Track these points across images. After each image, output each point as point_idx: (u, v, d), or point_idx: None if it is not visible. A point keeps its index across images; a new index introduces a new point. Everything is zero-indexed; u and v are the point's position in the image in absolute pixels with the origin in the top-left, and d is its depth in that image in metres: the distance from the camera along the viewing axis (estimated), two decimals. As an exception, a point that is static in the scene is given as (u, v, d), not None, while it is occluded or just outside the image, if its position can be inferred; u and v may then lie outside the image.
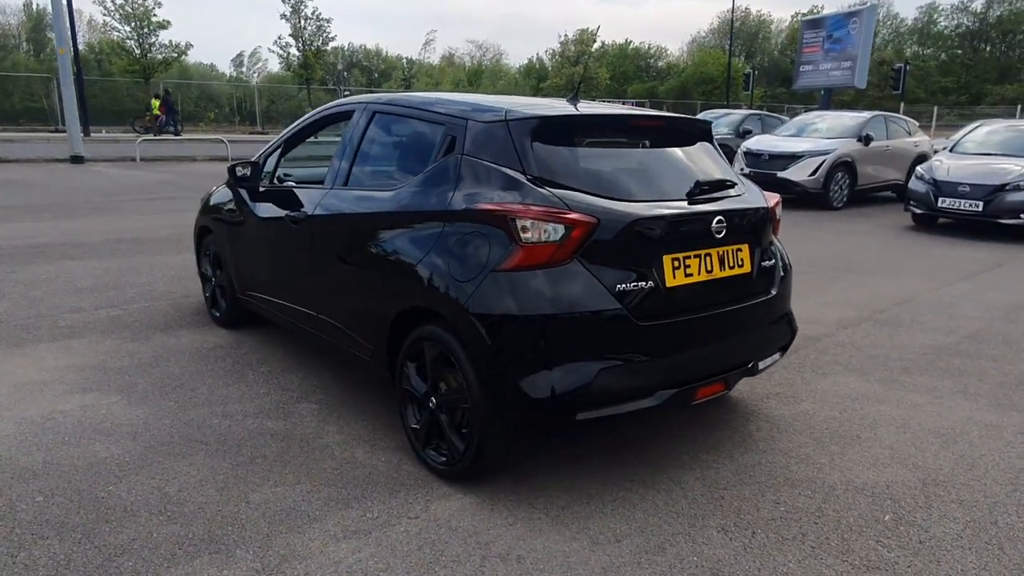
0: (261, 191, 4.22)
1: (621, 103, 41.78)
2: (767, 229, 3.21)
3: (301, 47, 33.00)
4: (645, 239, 2.67)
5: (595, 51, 53.78)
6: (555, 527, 2.59)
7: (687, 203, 2.86)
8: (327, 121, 4.03)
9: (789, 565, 2.41)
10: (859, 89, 26.35)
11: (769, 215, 3.21)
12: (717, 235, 2.85)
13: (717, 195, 3.00)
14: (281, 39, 33.92)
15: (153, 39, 28.16)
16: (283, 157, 4.33)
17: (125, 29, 27.83)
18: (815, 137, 13.02)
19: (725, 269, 2.91)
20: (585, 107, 3.21)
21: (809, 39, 26.33)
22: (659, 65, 66.74)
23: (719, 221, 2.85)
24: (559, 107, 3.11)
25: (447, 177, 2.87)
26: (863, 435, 3.45)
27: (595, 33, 51.43)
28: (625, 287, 2.60)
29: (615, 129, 3.04)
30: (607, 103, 3.77)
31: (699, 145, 3.26)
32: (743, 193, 3.16)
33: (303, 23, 32.76)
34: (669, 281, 2.71)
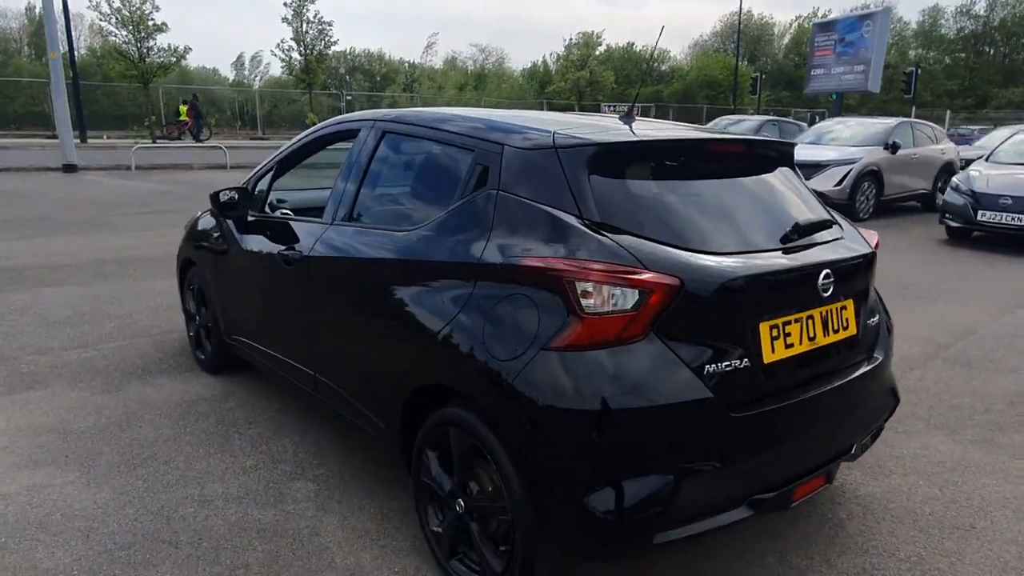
0: (250, 220, 3.62)
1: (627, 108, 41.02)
2: (871, 278, 2.61)
3: (303, 51, 32.42)
4: (739, 303, 2.06)
5: (599, 54, 53.21)
6: None
7: (783, 252, 2.25)
8: (328, 140, 3.43)
9: None
10: (868, 93, 25.73)
11: (872, 260, 2.60)
12: (824, 293, 2.24)
13: (817, 240, 2.39)
14: (283, 43, 33.10)
15: (151, 43, 27.57)
16: (276, 180, 3.74)
17: (122, 33, 27.25)
18: (839, 145, 12.39)
19: (829, 334, 2.30)
20: (644, 128, 2.60)
21: (820, 42, 25.73)
22: (662, 68, 66.12)
23: (827, 276, 2.24)
24: (615, 128, 2.50)
25: (477, 219, 2.27)
26: (977, 523, 2.84)
27: (600, 36, 50.88)
28: (714, 368, 1.99)
29: (689, 157, 2.43)
30: (666, 122, 3.07)
31: (780, 172, 2.65)
32: (842, 235, 2.56)
33: (305, 27, 32.20)
34: (767, 356, 2.09)
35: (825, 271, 2.24)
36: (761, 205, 2.44)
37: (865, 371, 2.44)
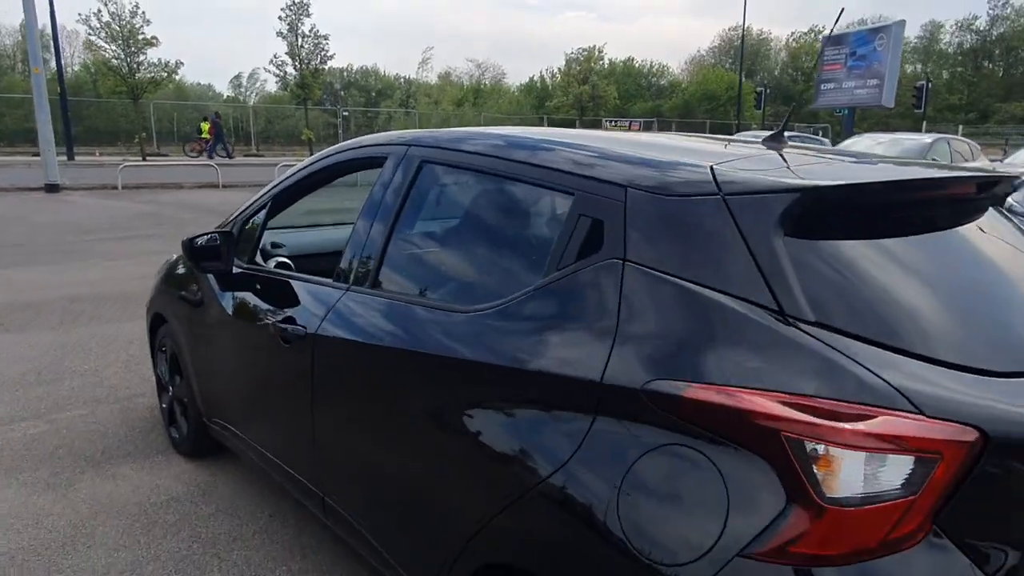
0: (236, 273, 2.77)
1: (628, 124, 40.61)
2: None
3: (298, 66, 31.62)
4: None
5: (601, 69, 52.78)
6: None
7: None
8: (339, 171, 2.58)
9: None
10: (882, 108, 25.11)
11: None
12: None
13: None
14: (277, 57, 32.30)
15: (141, 58, 26.74)
16: (271, 218, 2.89)
17: (111, 48, 26.41)
18: (872, 162, 11.65)
19: None
20: (831, 162, 1.74)
21: (830, 56, 25.08)
22: (661, 83, 65.80)
23: None
24: (783, 160, 1.65)
25: (590, 306, 1.43)
26: None
27: (602, 50, 50.47)
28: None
29: (932, 207, 1.58)
30: (832, 148, 2.11)
31: (993, 216, 1.81)
32: None
33: (300, 41, 31.42)
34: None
35: None
36: (1012, 276, 1.59)
37: None
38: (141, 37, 26.47)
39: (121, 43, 26.48)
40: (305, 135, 32.80)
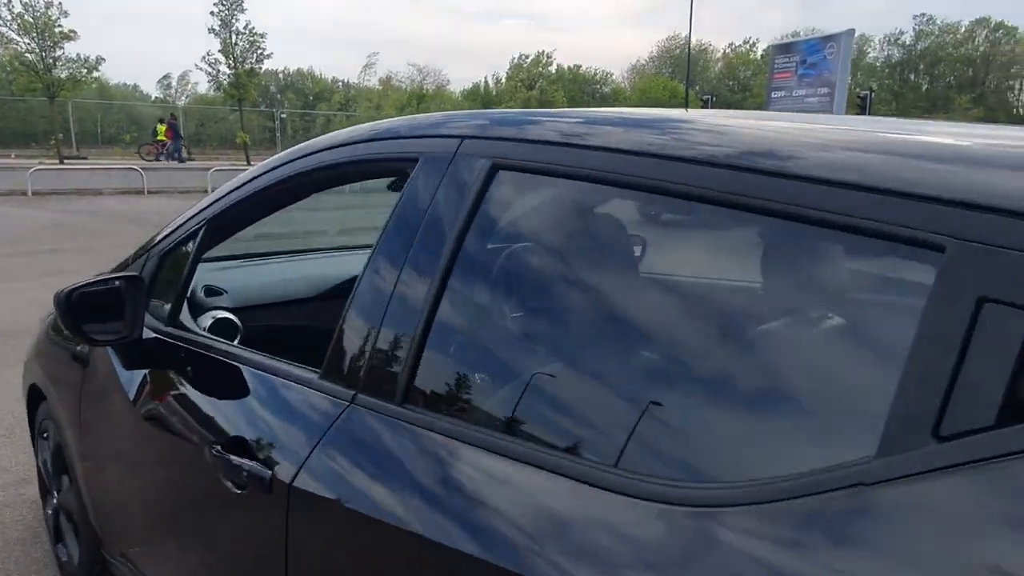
0: (148, 342, 1.73)
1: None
2: None
3: (232, 64, 29.73)
4: None
5: (549, 75, 52.48)
6: None
7: None
8: (317, 183, 1.59)
9: None
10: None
11: None
12: None
13: None
14: (210, 55, 30.28)
15: (58, 52, 24.63)
16: (205, 250, 1.87)
17: (24, 41, 24.27)
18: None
19: None
20: None
21: (780, 64, 25.12)
22: (604, 91, 66.01)
23: None
24: None
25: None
26: None
27: (550, 56, 50.14)
28: None
29: None
30: None
31: None
32: None
33: (234, 38, 29.56)
34: None
35: None
36: None
37: None
38: (58, 30, 24.37)
39: (36, 36, 24.35)
40: (240, 138, 30.96)
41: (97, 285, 1.66)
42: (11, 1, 23.79)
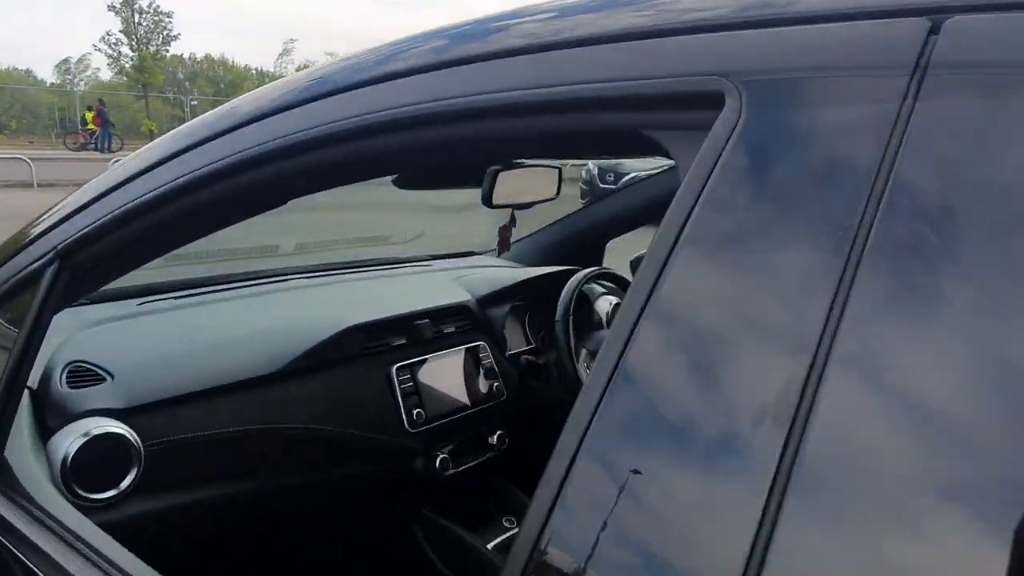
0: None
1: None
2: None
3: (136, 45, 27.87)
4: None
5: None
6: None
7: None
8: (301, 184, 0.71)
9: None
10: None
11: None
12: None
13: None
14: (110, 35, 28.29)
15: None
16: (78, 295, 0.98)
17: None
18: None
19: None
20: None
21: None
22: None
23: None
24: None
25: None
26: None
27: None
28: None
29: None
30: None
31: None
32: None
33: (137, 17, 27.72)
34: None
35: None
36: None
37: None
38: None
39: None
40: (146, 127, 29.17)
41: None
42: None
